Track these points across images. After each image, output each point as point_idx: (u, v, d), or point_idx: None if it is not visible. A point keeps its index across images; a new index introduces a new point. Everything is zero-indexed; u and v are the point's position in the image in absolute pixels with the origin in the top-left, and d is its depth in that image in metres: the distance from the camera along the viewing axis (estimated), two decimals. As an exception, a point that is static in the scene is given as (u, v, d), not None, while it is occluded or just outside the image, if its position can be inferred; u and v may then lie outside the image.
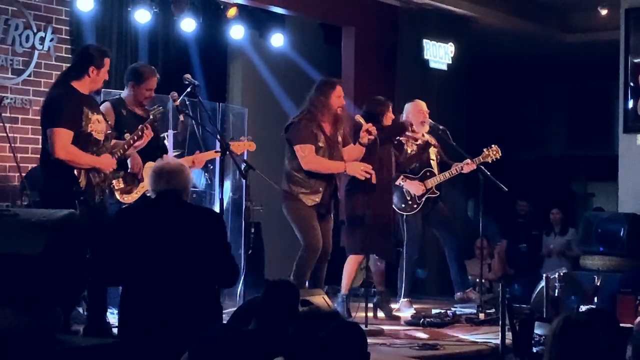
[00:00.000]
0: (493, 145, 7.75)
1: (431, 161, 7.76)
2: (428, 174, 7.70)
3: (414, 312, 7.42)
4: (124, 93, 6.44)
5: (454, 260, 7.89)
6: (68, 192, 5.53)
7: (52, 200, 5.48)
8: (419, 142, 7.74)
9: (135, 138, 6.01)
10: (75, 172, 5.59)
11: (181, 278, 4.47)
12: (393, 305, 7.58)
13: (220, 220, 4.72)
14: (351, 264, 7.26)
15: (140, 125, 6.06)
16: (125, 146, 5.98)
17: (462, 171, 7.69)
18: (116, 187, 6.10)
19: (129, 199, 6.12)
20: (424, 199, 7.65)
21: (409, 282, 7.74)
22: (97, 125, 5.72)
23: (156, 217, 4.63)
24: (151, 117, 6.21)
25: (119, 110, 6.26)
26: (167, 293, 4.44)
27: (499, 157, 7.71)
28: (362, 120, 7.16)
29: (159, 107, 6.37)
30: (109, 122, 6.01)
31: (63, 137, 5.51)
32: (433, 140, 7.84)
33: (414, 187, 7.60)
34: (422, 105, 7.80)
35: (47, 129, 5.58)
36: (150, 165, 5.89)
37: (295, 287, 4.26)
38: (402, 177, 7.59)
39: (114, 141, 5.97)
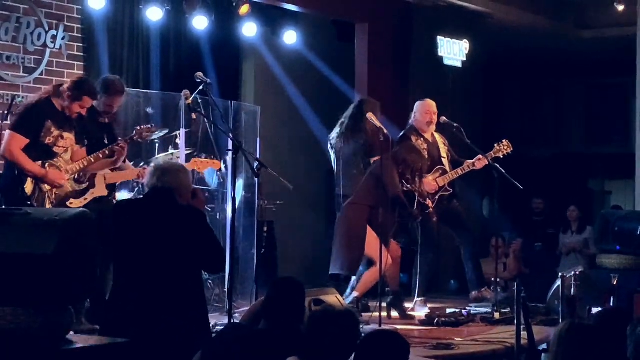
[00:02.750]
0: (504, 140, 7.77)
1: (442, 159, 7.77)
2: (440, 171, 7.71)
3: (428, 311, 7.42)
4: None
5: (469, 259, 7.88)
6: (15, 194, 5.94)
7: (4, 199, 5.98)
8: (429, 140, 7.76)
9: (101, 156, 6.30)
10: (25, 178, 5.97)
11: (161, 274, 4.57)
12: (407, 305, 7.58)
13: (200, 214, 4.79)
14: (374, 273, 7.19)
15: (114, 145, 6.36)
16: (86, 162, 6.25)
17: (475, 167, 7.69)
18: (57, 191, 6.20)
19: (77, 203, 6.22)
20: (437, 197, 7.65)
21: (424, 281, 7.74)
22: (60, 141, 6.12)
23: (142, 212, 4.75)
24: (135, 133, 6.52)
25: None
26: (147, 288, 4.55)
27: (510, 152, 7.72)
28: (374, 119, 7.18)
29: (152, 127, 6.68)
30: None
31: (14, 141, 5.98)
32: (442, 139, 7.85)
33: (427, 185, 7.60)
34: (431, 106, 7.78)
35: (8, 129, 6.10)
36: (103, 173, 6.36)
37: (300, 283, 4.28)
38: None
39: (77, 148, 6.25)
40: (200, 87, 6.49)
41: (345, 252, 7.16)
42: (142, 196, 6.33)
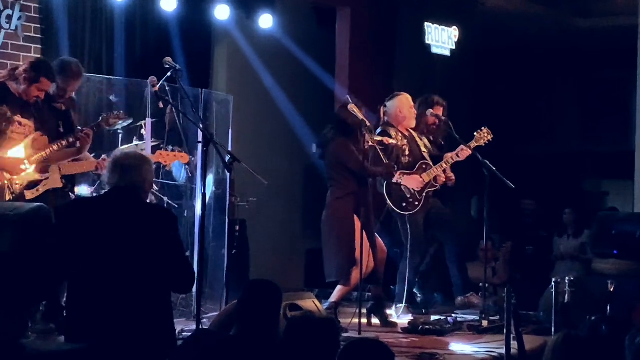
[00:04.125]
0: (484, 128, 7.83)
1: (424, 153, 7.81)
2: (424, 166, 7.74)
3: (412, 318, 7.43)
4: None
5: (454, 262, 7.91)
6: None
7: None
8: (407, 136, 7.79)
9: (64, 144, 6.30)
10: None
11: (124, 278, 4.50)
12: (388, 311, 7.59)
13: (172, 218, 4.72)
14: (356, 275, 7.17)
15: (78, 132, 6.38)
16: (49, 150, 6.24)
17: (459, 159, 7.74)
18: (17, 182, 6.18)
19: (29, 195, 6.18)
20: (424, 194, 7.68)
21: (409, 287, 7.75)
22: (18, 127, 6.12)
23: (104, 212, 4.62)
24: (101, 119, 6.56)
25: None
26: (110, 292, 4.47)
27: (491, 139, 7.79)
28: (356, 111, 7.18)
29: (121, 114, 6.72)
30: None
31: None
32: (417, 133, 7.90)
33: (413, 182, 7.63)
34: (411, 99, 7.87)
35: None
36: (59, 162, 6.33)
37: (278, 287, 4.27)
38: (398, 173, 7.59)
39: (38, 135, 6.21)
40: (169, 74, 6.46)
41: (336, 255, 7.16)
42: (102, 193, 6.29)
